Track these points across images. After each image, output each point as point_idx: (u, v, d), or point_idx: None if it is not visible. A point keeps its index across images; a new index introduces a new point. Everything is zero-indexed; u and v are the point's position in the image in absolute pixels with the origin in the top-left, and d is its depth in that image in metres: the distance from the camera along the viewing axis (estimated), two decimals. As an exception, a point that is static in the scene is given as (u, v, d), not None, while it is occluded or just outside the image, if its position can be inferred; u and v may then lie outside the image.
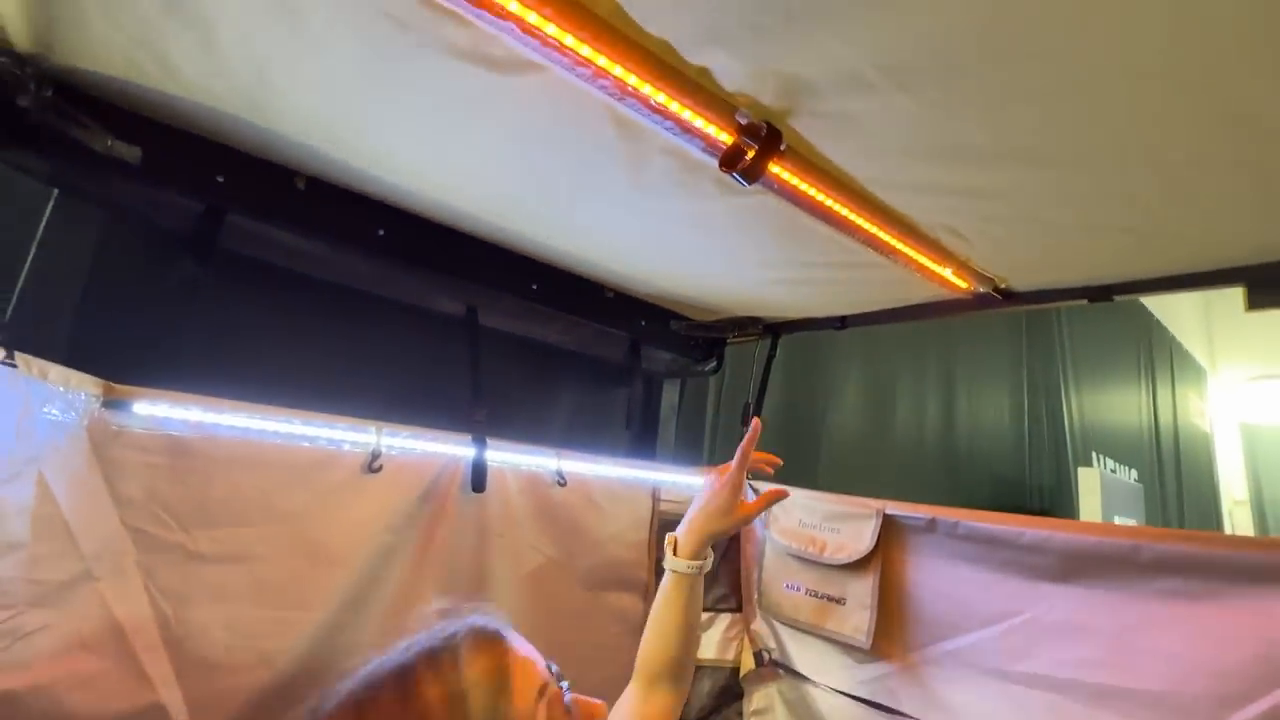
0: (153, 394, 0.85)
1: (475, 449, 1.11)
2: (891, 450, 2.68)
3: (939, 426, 3.06)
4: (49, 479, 0.74)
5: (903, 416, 2.82)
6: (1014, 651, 1.00)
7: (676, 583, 0.94)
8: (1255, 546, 0.83)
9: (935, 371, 3.10)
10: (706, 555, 0.96)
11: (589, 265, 1.27)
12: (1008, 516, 1.06)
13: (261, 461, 0.91)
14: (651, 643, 0.94)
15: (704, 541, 0.95)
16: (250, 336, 1.08)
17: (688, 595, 0.93)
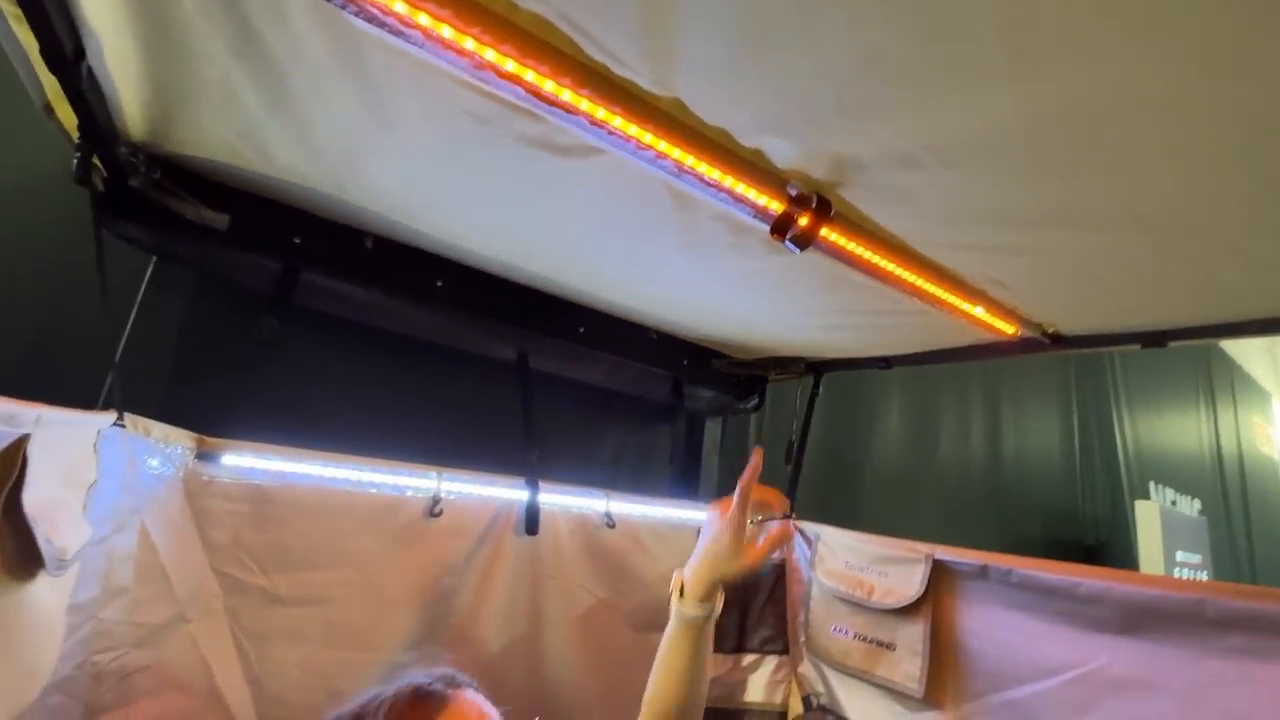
0: (239, 445, 0.92)
1: (529, 492, 1.15)
2: (936, 483, 2.63)
3: (985, 457, 2.99)
4: (150, 528, 0.81)
5: (947, 448, 2.76)
6: (1075, 705, 0.97)
7: (685, 628, 0.89)
8: (1330, 605, 0.81)
9: (980, 399, 3.04)
10: (716, 598, 0.91)
11: (636, 312, 1.31)
12: (1063, 566, 1.04)
13: (332, 508, 0.97)
14: (660, 687, 0.89)
15: (712, 586, 0.90)
16: (322, 387, 1.15)
17: (696, 640, 0.88)
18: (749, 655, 1.33)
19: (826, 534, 1.35)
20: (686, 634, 0.88)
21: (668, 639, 0.90)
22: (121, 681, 0.75)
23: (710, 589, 0.89)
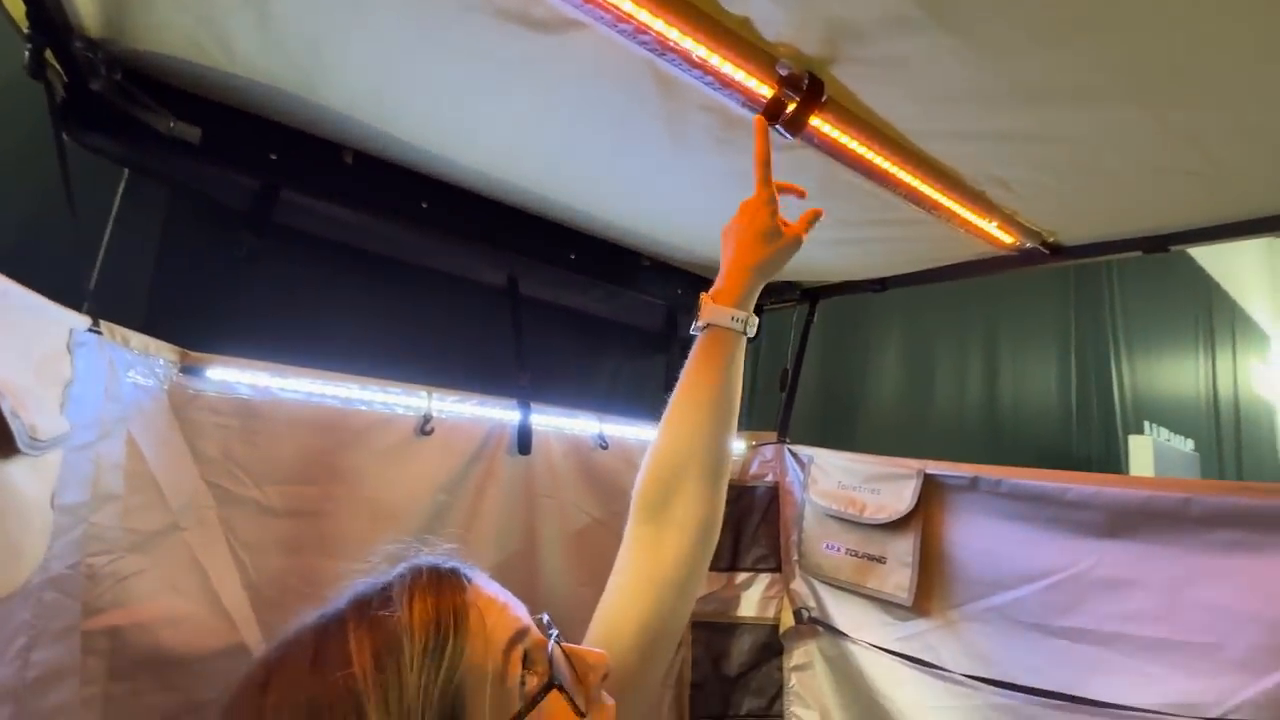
0: (224, 360, 0.91)
1: (520, 413, 1.15)
2: (932, 418, 2.65)
3: (981, 393, 3.00)
4: (137, 437, 0.81)
5: (943, 383, 2.77)
6: (1057, 606, 1.00)
7: (714, 341, 0.70)
8: (1315, 498, 0.81)
9: (978, 336, 3.02)
10: (750, 308, 0.73)
11: (626, 233, 1.28)
12: (1052, 473, 1.05)
13: (322, 424, 0.97)
14: (675, 438, 0.71)
15: (750, 279, 0.72)
16: (307, 307, 1.13)
17: (726, 361, 0.69)
18: (742, 573, 1.36)
19: (820, 456, 1.36)
20: (718, 349, 0.70)
21: (691, 365, 0.72)
22: (118, 584, 0.76)
23: (748, 284, 0.71)
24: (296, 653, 0.45)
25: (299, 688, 0.42)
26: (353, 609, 0.47)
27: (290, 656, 0.45)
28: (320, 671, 0.42)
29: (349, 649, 0.43)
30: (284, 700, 0.42)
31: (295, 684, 0.43)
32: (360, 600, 0.48)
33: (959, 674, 1.07)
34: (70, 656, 0.71)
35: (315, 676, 0.42)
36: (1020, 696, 1.00)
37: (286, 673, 0.44)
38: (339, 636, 0.44)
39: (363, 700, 0.40)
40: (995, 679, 1.03)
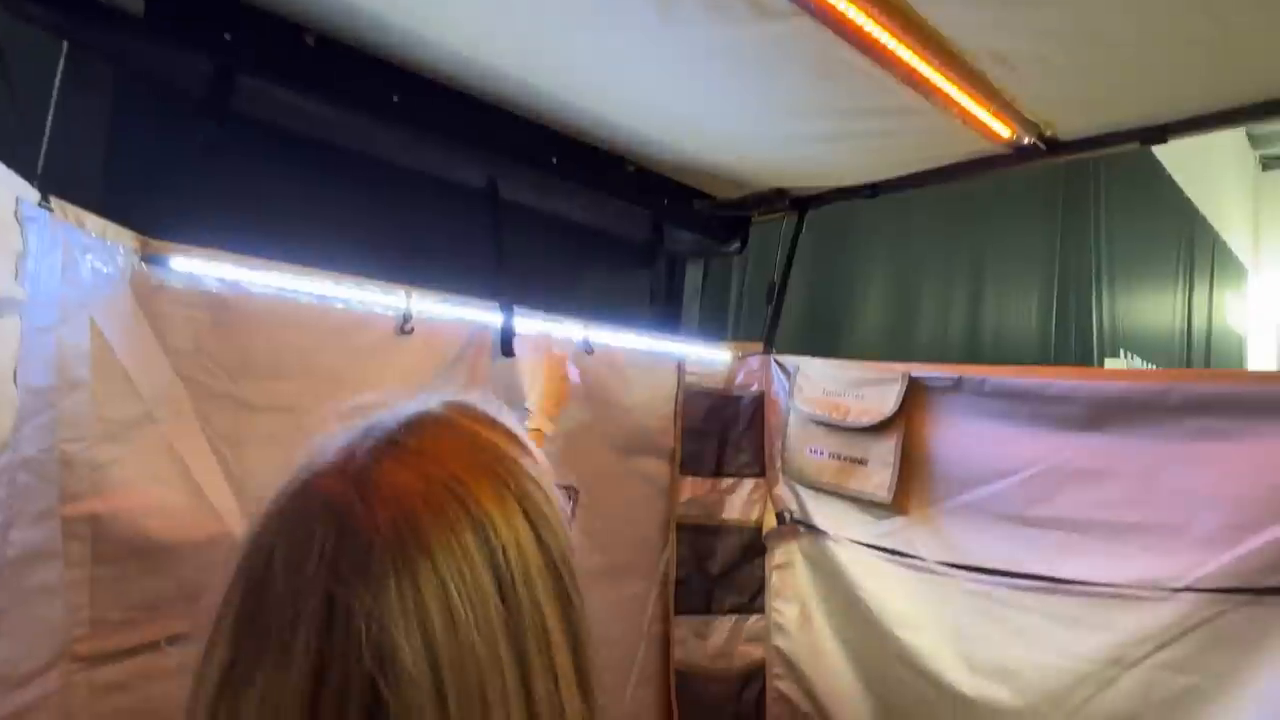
0: (189, 250, 0.86)
1: (503, 316, 1.12)
2: (916, 341, 2.67)
3: (965, 322, 3.02)
4: (101, 325, 0.77)
5: (928, 307, 2.78)
6: (1032, 497, 1.03)
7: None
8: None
9: (965, 264, 3.02)
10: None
11: (611, 131, 1.22)
12: (1035, 369, 1.06)
13: (299, 321, 0.94)
14: None
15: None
16: (275, 203, 1.08)
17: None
18: (727, 479, 1.38)
19: (806, 364, 1.36)
20: None
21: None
22: (95, 472, 0.75)
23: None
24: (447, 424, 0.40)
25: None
26: (454, 409, 0.42)
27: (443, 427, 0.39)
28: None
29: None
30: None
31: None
32: (456, 407, 0.43)
33: (934, 563, 1.11)
34: (50, 539, 0.71)
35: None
36: (991, 580, 1.04)
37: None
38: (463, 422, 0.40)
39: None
40: (968, 565, 1.07)
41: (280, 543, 0.33)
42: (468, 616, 0.32)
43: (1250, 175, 5.89)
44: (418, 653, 0.30)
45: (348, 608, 0.30)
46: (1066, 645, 0.95)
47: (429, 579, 0.32)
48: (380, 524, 0.32)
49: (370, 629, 0.30)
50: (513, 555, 0.34)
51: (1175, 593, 0.86)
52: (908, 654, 1.12)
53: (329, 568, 0.31)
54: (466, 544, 0.33)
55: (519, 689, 0.33)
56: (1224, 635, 0.83)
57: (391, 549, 0.32)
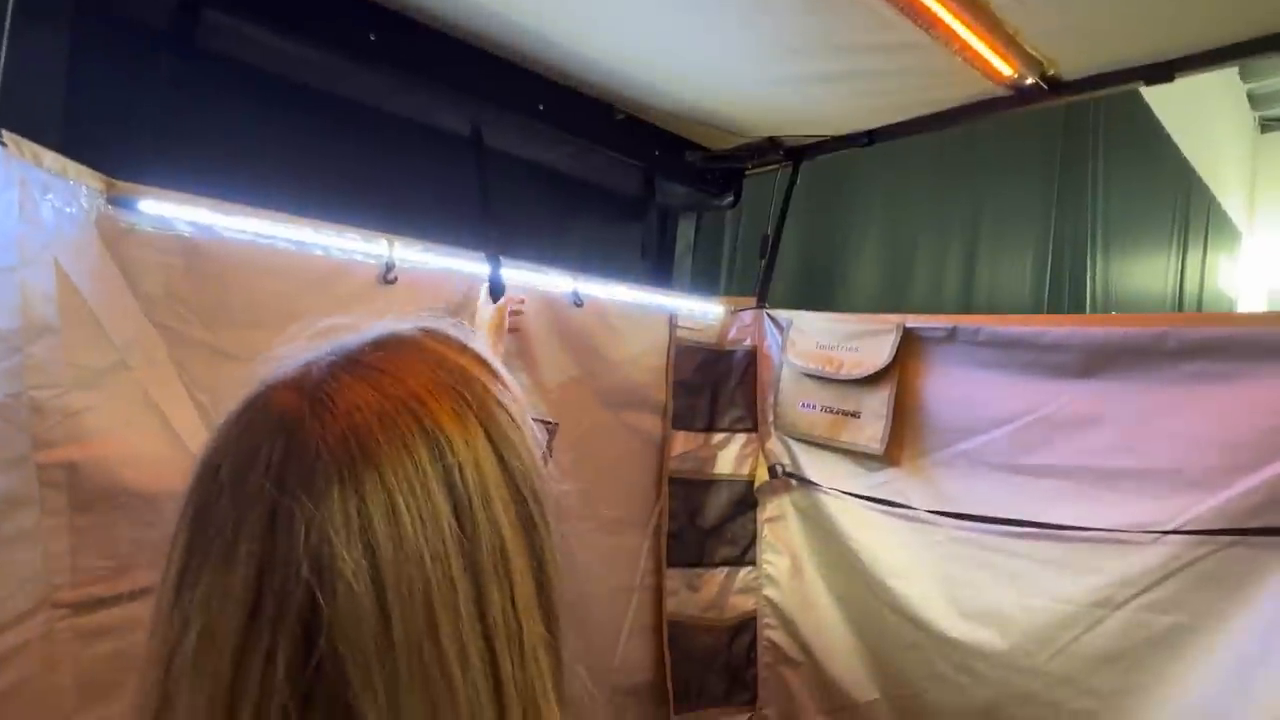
0: (158, 192, 0.83)
1: (490, 266, 1.09)
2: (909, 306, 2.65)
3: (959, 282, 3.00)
4: (67, 269, 0.74)
5: (922, 270, 2.75)
6: (1025, 446, 1.02)
7: None
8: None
9: (959, 223, 2.98)
10: None
11: (598, 76, 1.18)
12: (1031, 318, 1.05)
13: (277, 268, 0.91)
14: None
15: None
16: (249, 146, 1.03)
17: None
18: (719, 434, 1.38)
19: (800, 318, 1.34)
20: None
21: None
22: (68, 419, 0.73)
23: None
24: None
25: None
26: (423, 333, 0.39)
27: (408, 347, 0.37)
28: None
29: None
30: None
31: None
32: (422, 330, 0.40)
33: (925, 512, 1.11)
34: (25, 485, 0.69)
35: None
36: (980, 527, 1.04)
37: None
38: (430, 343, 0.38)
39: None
40: (959, 513, 1.07)
41: (230, 454, 0.32)
42: (416, 531, 0.30)
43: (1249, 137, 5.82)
44: (358, 564, 0.29)
45: (289, 515, 0.29)
46: (1054, 589, 0.95)
47: (375, 491, 0.30)
48: (329, 436, 0.31)
49: (310, 537, 0.29)
50: (470, 474, 0.33)
51: (1163, 535, 0.86)
52: (898, 601, 1.13)
53: (274, 478, 0.30)
54: (420, 459, 0.32)
55: (472, 608, 0.31)
56: (1209, 575, 0.83)
57: (338, 460, 0.30)
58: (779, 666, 1.34)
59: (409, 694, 0.29)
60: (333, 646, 0.29)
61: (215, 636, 0.29)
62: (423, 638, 0.30)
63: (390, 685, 0.29)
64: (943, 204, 2.83)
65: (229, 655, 0.29)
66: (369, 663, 0.29)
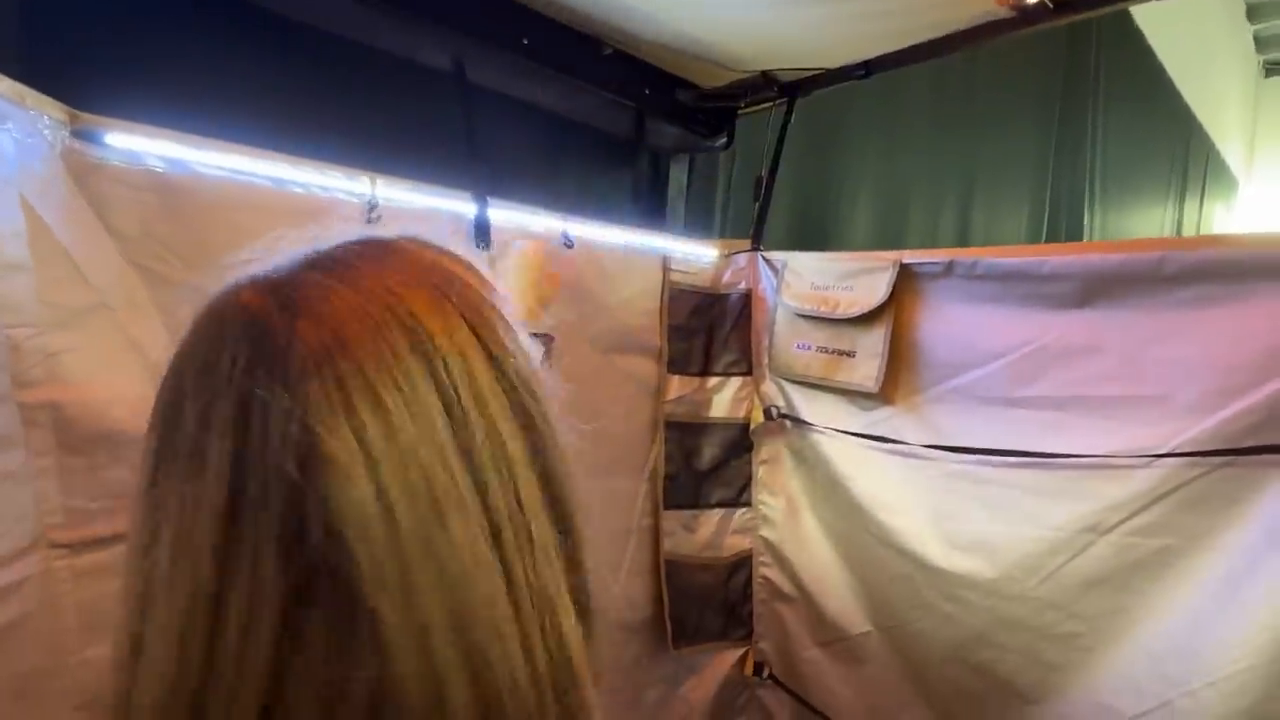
0: (126, 125, 0.79)
1: (477, 206, 1.07)
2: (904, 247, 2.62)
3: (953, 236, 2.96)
4: (34, 204, 0.71)
5: (917, 221, 2.72)
6: (1019, 379, 1.02)
7: None
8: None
9: (956, 175, 2.94)
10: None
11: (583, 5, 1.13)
12: (1029, 248, 1.03)
13: (255, 205, 0.88)
14: None
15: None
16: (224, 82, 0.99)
17: None
18: (714, 378, 1.37)
19: (794, 259, 1.32)
20: None
21: None
22: (49, 359, 0.71)
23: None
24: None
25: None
26: (406, 240, 0.37)
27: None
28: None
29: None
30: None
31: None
32: (404, 239, 0.38)
33: (918, 447, 1.12)
34: (7, 425, 0.68)
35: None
36: (973, 459, 1.05)
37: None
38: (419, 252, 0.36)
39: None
40: (952, 446, 1.08)
41: (194, 356, 0.30)
42: (405, 422, 0.28)
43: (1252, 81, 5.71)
44: (350, 451, 0.27)
45: (264, 407, 0.27)
46: (1044, 517, 0.97)
47: (356, 383, 0.28)
48: (300, 329, 0.29)
49: (290, 429, 0.27)
50: (456, 368, 0.31)
51: (1156, 459, 0.87)
52: (890, 535, 1.15)
53: (243, 373, 0.28)
54: (399, 351, 0.29)
55: (475, 500, 0.29)
56: (1199, 497, 0.84)
57: (313, 352, 0.28)
58: (774, 602, 1.36)
59: (425, 586, 0.27)
60: (333, 540, 0.27)
61: (191, 539, 0.27)
62: (432, 527, 0.28)
63: (405, 577, 0.27)
64: (939, 154, 2.78)
65: (208, 557, 0.27)
66: (378, 555, 0.27)
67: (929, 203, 2.78)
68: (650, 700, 1.33)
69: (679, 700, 1.36)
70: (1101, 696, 0.91)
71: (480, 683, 0.28)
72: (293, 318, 0.29)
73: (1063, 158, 3.66)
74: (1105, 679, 0.91)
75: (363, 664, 0.27)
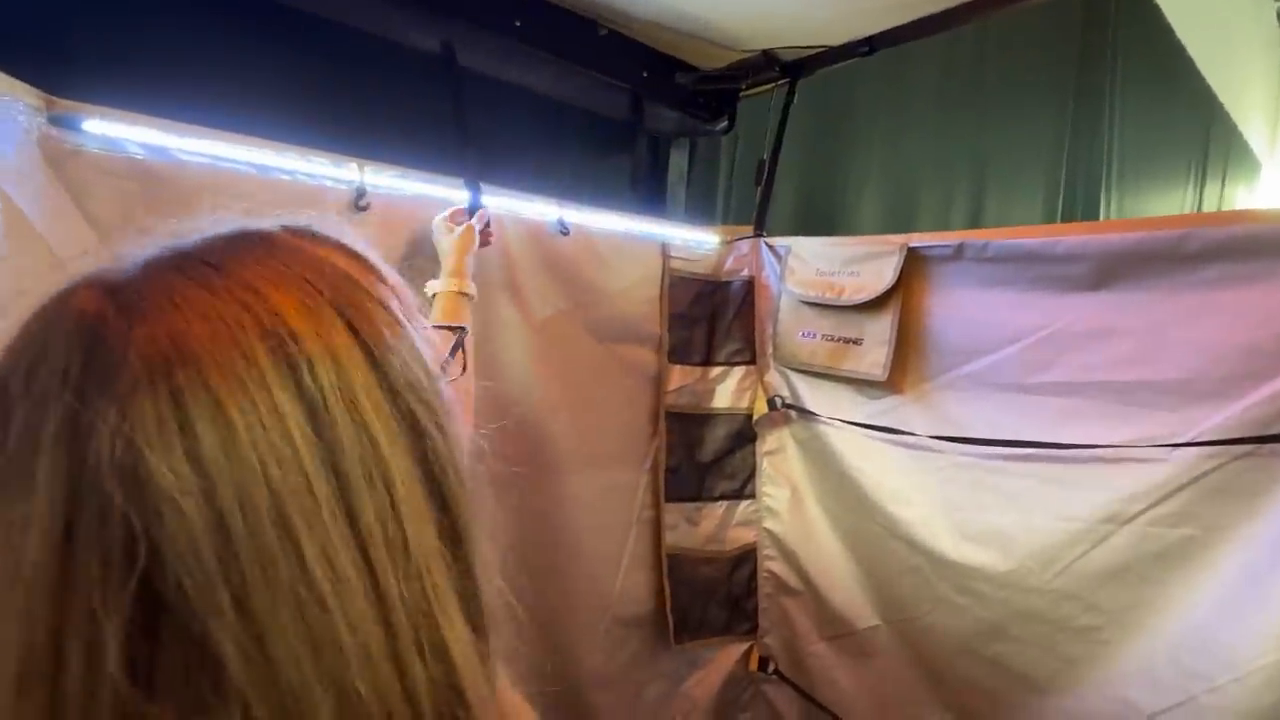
0: (103, 111, 0.77)
1: (469, 194, 1.04)
2: (913, 235, 2.57)
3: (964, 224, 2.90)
4: (9, 191, 0.69)
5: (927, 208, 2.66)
6: (1033, 365, 0.98)
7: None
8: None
9: (966, 162, 2.87)
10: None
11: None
12: (1042, 228, 0.99)
13: (244, 193, 0.86)
14: None
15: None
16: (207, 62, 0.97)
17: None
18: (716, 368, 1.34)
19: (798, 244, 1.29)
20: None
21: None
22: None
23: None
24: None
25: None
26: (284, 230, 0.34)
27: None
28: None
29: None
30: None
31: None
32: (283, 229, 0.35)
33: (927, 437, 1.08)
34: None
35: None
36: (986, 450, 1.02)
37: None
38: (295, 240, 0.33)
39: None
40: (963, 437, 1.04)
41: (21, 364, 0.27)
42: (253, 436, 0.26)
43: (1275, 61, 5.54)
44: (181, 475, 0.25)
45: (90, 427, 0.24)
46: (1060, 507, 0.93)
47: (195, 393, 0.25)
48: (136, 337, 0.26)
49: (115, 449, 0.24)
50: (324, 372, 0.28)
51: (1176, 448, 0.83)
52: (898, 527, 1.11)
53: (72, 386, 0.25)
54: (254, 357, 0.27)
55: (339, 517, 0.27)
56: (1223, 486, 0.80)
57: (147, 362, 0.25)
58: (779, 596, 1.34)
59: (271, 616, 0.25)
60: (165, 572, 0.24)
61: (20, 576, 0.24)
62: (276, 551, 0.25)
63: (243, 608, 0.25)
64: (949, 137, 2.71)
65: (42, 597, 0.24)
66: (212, 585, 0.25)
67: (939, 187, 2.71)
68: (652, 697, 1.31)
69: (682, 697, 1.34)
70: (1121, 691, 0.87)
71: (349, 715, 0.26)
72: (129, 323, 0.26)
73: (1078, 140, 3.57)
74: (1125, 673, 0.87)
75: (215, 712, 0.25)
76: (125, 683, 0.24)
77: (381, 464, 0.28)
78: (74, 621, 0.24)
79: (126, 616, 0.24)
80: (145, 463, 0.24)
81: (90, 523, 0.24)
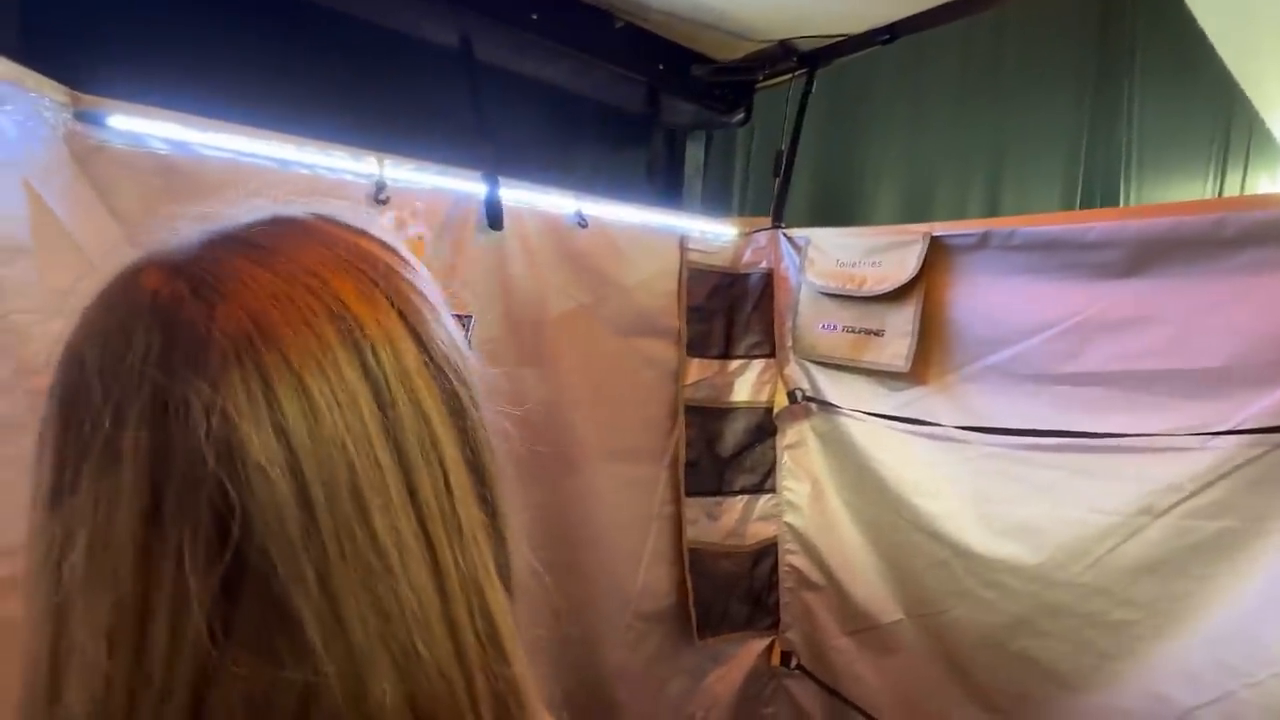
0: (127, 106, 0.78)
1: (487, 186, 1.04)
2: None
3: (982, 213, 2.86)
4: (37, 187, 0.70)
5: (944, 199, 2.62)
6: (1062, 354, 0.96)
7: None
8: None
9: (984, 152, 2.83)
10: None
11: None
12: (1070, 215, 0.97)
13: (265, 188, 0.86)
14: None
15: None
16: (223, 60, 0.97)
17: None
18: (735, 361, 1.33)
19: (818, 235, 1.27)
20: None
21: None
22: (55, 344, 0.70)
23: None
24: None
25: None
26: (316, 217, 0.35)
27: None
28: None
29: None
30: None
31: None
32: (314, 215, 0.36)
33: (953, 428, 1.07)
34: (15, 411, 0.67)
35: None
36: (1014, 440, 1.00)
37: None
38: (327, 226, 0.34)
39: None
40: (990, 427, 1.02)
41: (96, 343, 0.28)
42: (332, 413, 0.27)
43: (1298, 46, 5.42)
44: (271, 448, 0.26)
45: (183, 400, 0.25)
46: (1093, 499, 0.91)
47: (281, 373, 0.27)
48: (218, 317, 0.27)
49: (211, 422, 0.25)
50: (385, 353, 0.29)
51: (1215, 436, 0.81)
52: (923, 520, 1.10)
53: (156, 365, 0.26)
54: (326, 338, 0.28)
55: (402, 491, 0.28)
56: (1262, 477, 0.78)
57: (234, 342, 0.26)
58: (801, 591, 1.32)
59: (345, 582, 0.27)
60: (252, 538, 0.26)
61: (110, 541, 0.26)
62: (353, 523, 0.27)
63: (322, 575, 0.27)
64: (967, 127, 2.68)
65: (130, 559, 0.26)
66: (295, 554, 0.26)
67: (957, 178, 2.68)
68: (674, 692, 1.30)
69: (703, 692, 1.33)
70: (1156, 686, 0.86)
71: (409, 678, 0.28)
72: (209, 304, 0.27)
73: (1097, 130, 3.51)
74: (1160, 668, 0.85)
75: (288, 666, 0.26)
76: (206, 637, 0.25)
77: (436, 441, 0.30)
78: (161, 583, 0.26)
79: (214, 578, 0.26)
80: (238, 433, 0.26)
81: (181, 491, 0.25)
